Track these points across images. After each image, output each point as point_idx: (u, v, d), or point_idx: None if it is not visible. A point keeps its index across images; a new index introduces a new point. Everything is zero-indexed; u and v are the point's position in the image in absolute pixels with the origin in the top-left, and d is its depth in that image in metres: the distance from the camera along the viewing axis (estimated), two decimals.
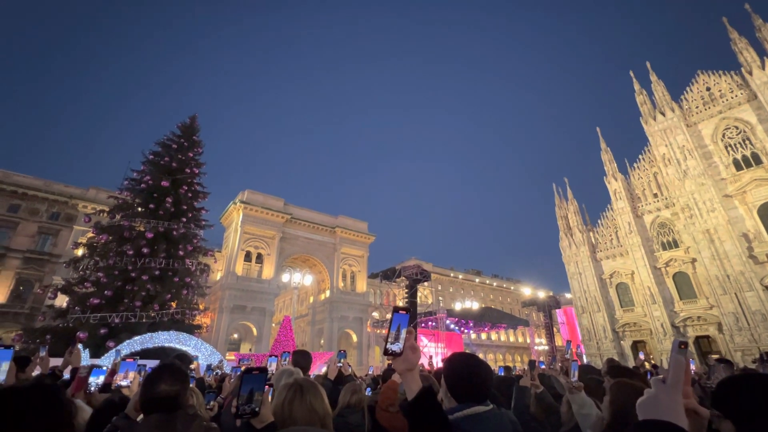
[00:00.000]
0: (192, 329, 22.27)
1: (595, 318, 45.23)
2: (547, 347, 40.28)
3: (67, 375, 4.89)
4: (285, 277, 32.36)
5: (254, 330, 45.57)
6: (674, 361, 1.20)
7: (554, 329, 45.80)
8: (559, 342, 49.66)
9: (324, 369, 16.03)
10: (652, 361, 35.11)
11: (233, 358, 25.09)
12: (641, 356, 9.96)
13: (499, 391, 3.53)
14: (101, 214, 23.99)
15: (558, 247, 51.00)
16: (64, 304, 21.90)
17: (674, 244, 41.56)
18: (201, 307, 25.45)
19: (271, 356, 4.33)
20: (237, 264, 45.55)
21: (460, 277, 79.64)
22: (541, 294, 58.90)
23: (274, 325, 53.52)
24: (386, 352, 1.64)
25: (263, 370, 1.82)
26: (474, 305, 44.56)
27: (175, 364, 2.22)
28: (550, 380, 4.23)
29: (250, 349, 43.89)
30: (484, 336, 72.43)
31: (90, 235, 22.62)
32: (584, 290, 46.75)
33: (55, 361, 7.06)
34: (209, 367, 7.88)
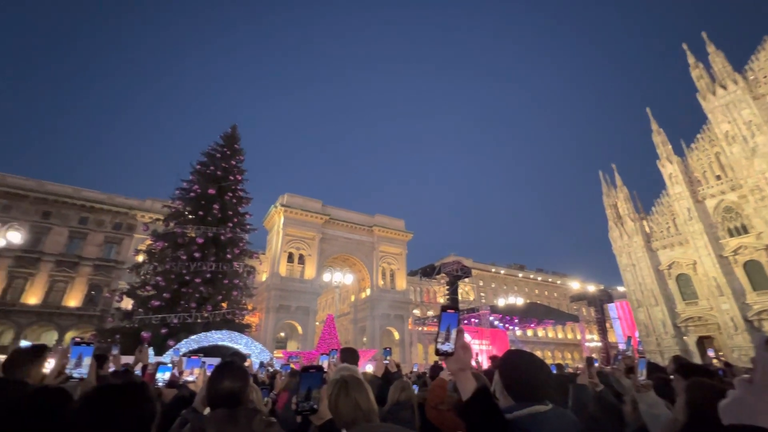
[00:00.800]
0: (242, 328, 23.44)
1: (652, 312, 42.21)
2: (600, 344, 38.18)
3: (137, 371, 5.34)
4: (326, 277, 33.06)
5: (299, 328, 47.10)
6: (761, 359, 1.09)
7: (607, 325, 43.24)
8: (612, 338, 46.88)
9: (368, 366, 16.18)
10: (723, 359, 32.16)
11: (281, 355, 26.10)
12: (710, 353, 9.15)
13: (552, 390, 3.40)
14: (157, 223, 25.87)
15: (607, 238, 48.12)
16: (129, 307, 23.89)
17: (743, 230, 37.76)
18: (249, 307, 26.72)
19: (322, 354, 4.47)
20: (280, 265, 47.27)
21: (502, 272, 77.47)
22: (591, 288, 55.89)
23: (317, 323, 55.02)
24: (438, 352, 1.64)
25: (320, 369, 1.88)
26: (518, 301, 43.19)
27: (236, 362, 2.35)
28: (608, 378, 4.02)
29: (298, 348, 45.42)
30: (530, 333, 69.99)
31: (148, 242, 24.46)
32: (639, 283, 43.77)
33: (124, 359, 7.71)
34: (261, 365, 8.27)
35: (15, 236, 20.05)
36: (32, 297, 37.83)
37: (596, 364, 7.00)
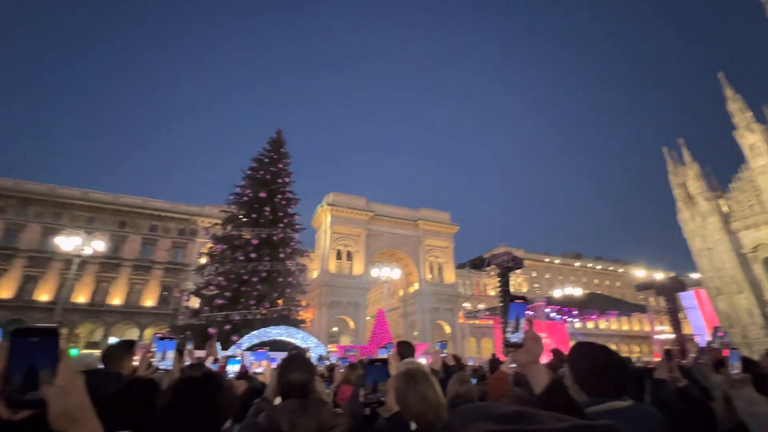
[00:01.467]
0: (297, 323, 24.50)
1: (735, 301, 37.98)
2: (672, 335, 35.08)
3: (208, 364, 5.78)
4: (374, 272, 33.51)
5: (351, 323, 48.34)
6: None
7: (679, 315, 39.54)
8: (687, 330, 42.87)
9: (422, 360, 16.16)
10: None
11: (335, 349, 26.95)
12: None
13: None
14: (216, 227, 27.75)
15: (675, 221, 43.95)
16: (197, 305, 25.87)
17: None
18: (303, 303, 27.83)
19: (381, 347, 4.55)
20: (330, 262, 48.70)
21: (557, 261, 73.71)
22: (658, 275, 51.43)
23: (368, 318, 56.05)
24: (506, 344, 1.58)
25: (385, 362, 1.90)
26: (576, 291, 40.86)
27: (302, 355, 2.46)
28: (691, 372, 3.66)
29: (350, 341, 46.64)
30: (590, 325, 66.06)
31: (209, 245, 26.33)
32: (717, 269, 39.55)
33: (195, 353, 8.36)
34: (320, 358, 8.58)
35: (99, 245, 22.57)
36: (116, 298, 42.37)
37: None
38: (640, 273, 58.00)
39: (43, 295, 39.59)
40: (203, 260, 27.92)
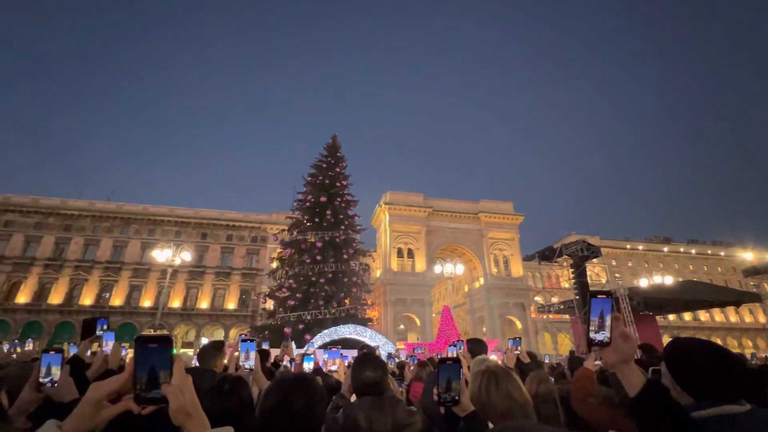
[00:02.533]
0: (365, 322, 25.20)
1: None
2: None
3: (285, 362, 6.17)
4: (437, 269, 33.20)
5: (417, 320, 48.47)
6: None
7: None
8: None
9: (493, 357, 15.74)
10: None
11: (403, 347, 27.22)
12: None
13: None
14: (283, 233, 29.55)
15: None
16: (271, 307, 27.78)
17: None
18: (369, 302, 28.56)
19: (450, 345, 4.50)
20: (391, 261, 49.31)
21: (641, 248, 66.78)
22: None
23: (434, 315, 55.78)
24: (591, 343, 1.47)
25: (456, 360, 1.88)
26: (667, 280, 36.57)
27: (373, 353, 2.52)
28: None
29: (417, 339, 46.80)
30: (687, 317, 58.83)
31: (279, 250, 28.17)
32: None
33: (273, 351, 8.95)
34: (390, 355, 8.72)
35: (186, 255, 25.34)
36: (203, 302, 47.15)
37: None
38: (747, 255, 50.28)
39: (146, 301, 45.40)
40: (274, 264, 29.93)
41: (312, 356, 5.07)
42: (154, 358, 0.91)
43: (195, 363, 4.03)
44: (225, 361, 3.58)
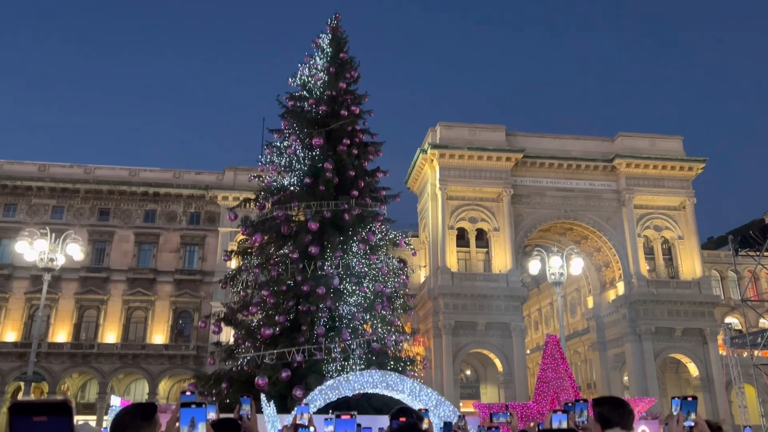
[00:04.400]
0: (402, 365, 25.61)
1: None
2: None
3: None
4: (533, 267, 32.98)
5: (497, 362, 48.82)
6: None
7: None
8: None
9: (644, 428, 15.69)
10: None
11: (473, 410, 27.63)
12: None
13: None
14: (247, 205, 30.04)
15: None
16: (231, 340, 28.61)
17: None
18: (407, 329, 28.90)
19: (556, 411, 4.52)
20: (447, 253, 49.43)
21: None
22: None
23: (528, 352, 56.09)
24: None
25: None
26: None
27: (416, 427, 2.59)
28: None
29: (499, 395, 47.36)
30: None
31: (240, 237, 28.76)
32: None
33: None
34: (448, 428, 8.87)
35: (75, 249, 26.53)
36: (109, 332, 49.42)
37: None
38: None
39: (9, 332, 48.11)
40: (233, 264, 30.60)
41: (312, 430, 5.25)
42: None
43: None
44: None
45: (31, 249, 25.35)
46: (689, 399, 4.33)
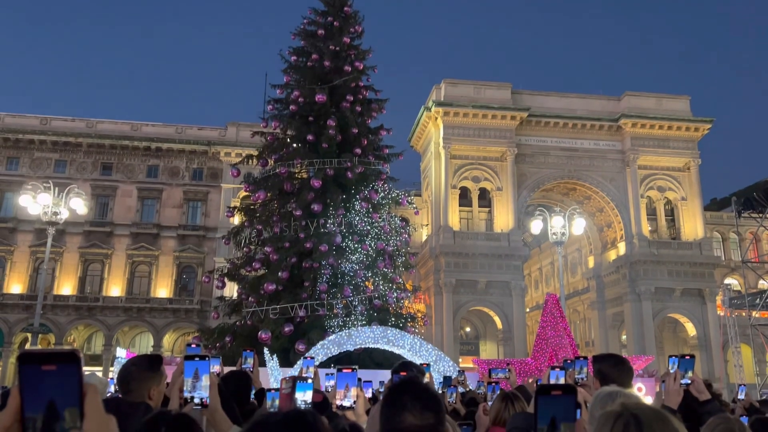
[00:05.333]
0: (403, 321, 26.00)
1: None
2: None
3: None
4: (534, 226, 33.06)
5: (496, 320, 49.38)
6: None
7: None
8: None
9: (640, 386, 15.95)
10: None
11: (472, 366, 28.09)
12: None
13: None
14: (250, 161, 30.03)
15: None
16: (234, 294, 29.00)
17: None
18: (408, 286, 29.21)
19: (557, 367, 4.59)
20: (450, 212, 49.51)
21: None
22: None
23: (528, 310, 56.61)
24: None
25: (569, 390, 1.93)
26: None
27: (418, 381, 2.62)
28: None
29: (498, 352, 48.02)
30: None
31: (243, 194, 28.87)
32: None
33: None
34: (447, 382, 9.02)
35: (78, 204, 26.64)
36: (114, 286, 50.06)
37: None
38: None
39: (14, 285, 48.76)
40: (236, 220, 30.81)
41: (310, 382, 5.32)
42: (53, 389, 0.99)
43: (112, 392, 4.35)
44: (163, 389, 3.87)
45: (35, 203, 25.55)
46: (687, 357, 4.40)
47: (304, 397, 4.83)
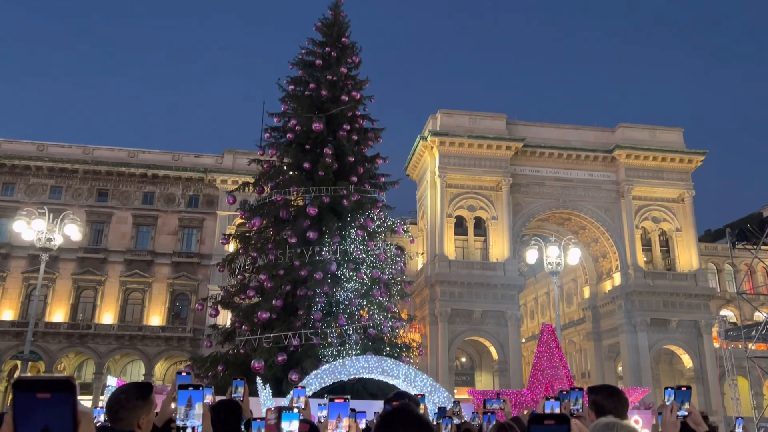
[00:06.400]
0: (398, 350, 25.80)
1: None
2: None
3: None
4: (530, 256, 33.12)
5: (492, 350, 49.04)
6: None
7: None
8: None
9: (636, 419, 15.83)
10: None
11: (468, 396, 27.84)
12: None
13: None
14: (246, 189, 30.09)
15: None
16: (228, 322, 28.81)
17: None
18: (404, 315, 29.05)
19: (552, 398, 4.57)
20: (445, 241, 49.51)
21: None
22: None
23: (523, 341, 56.32)
24: None
25: (563, 420, 1.92)
26: None
27: (410, 409, 2.61)
28: None
29: (493, 382, 47.66)
30: None
31: (239, 221, 28.86)
32: None
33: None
34: (442, 413, 8.93)
35: (73, 230, 26.55)
36: (106, 313, 49.67)
37: None
38: None
39: (6, 311, 48.30)
40: (231, 247, 30.74)
41: (296, 412, 5.26)
42: (47, 417, 0.99)
43: (102, 420, 4.30)
44: (152, 417, 3.83)
45: (29, 228, 25.46)
46: (683, 389, 4.37)
47: (290, 427, 4.78)
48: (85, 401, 37.41)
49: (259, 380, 16.87)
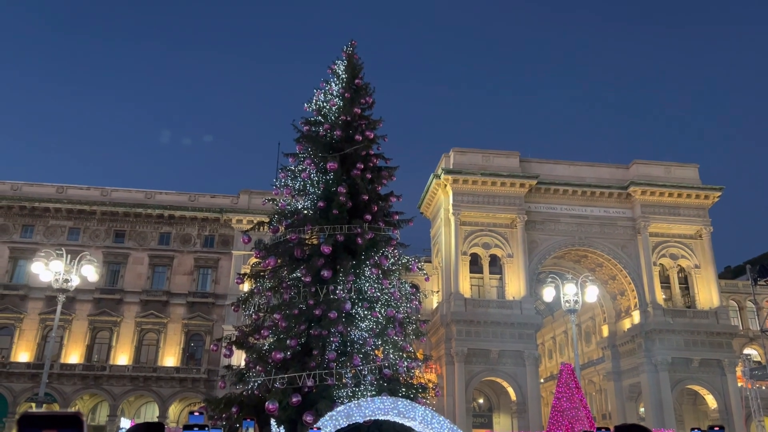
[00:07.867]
0: (414, 391, 25.40)
1: None
2: None
3: None
4: (547, 294, 32.84)
5: (510, 390, 48.26)
6: None
7: None
8: None
9: None
10: None
11: None
12: None
13: None
14: (261, 228, 30.22)
15: None
16: (242, 363, 28.56)
17: None
18: (419, 355, 28.71)
19: None
20: (461, 278, 49.25)
21: None
22: None
23: (542, 381, 55.42)
24: None
25: None
26: None
27: None
28: None
29: (512, 425, 46.73)
30: None
31: (254, 260, 28.90)
32: None
33: None
34: None
35: (89, 271, 26.76)
36: (121, 355, 49.68)
37: None
38: None
39: (22, 353, 48.54)
40: (246, 287, 30.71)
41: None
42: None
43: None
44: None
45: (47, 270, 25.67)
46: (716, 429, 4.21)
47: None
48: None
49: (273, 422, 16.66)
